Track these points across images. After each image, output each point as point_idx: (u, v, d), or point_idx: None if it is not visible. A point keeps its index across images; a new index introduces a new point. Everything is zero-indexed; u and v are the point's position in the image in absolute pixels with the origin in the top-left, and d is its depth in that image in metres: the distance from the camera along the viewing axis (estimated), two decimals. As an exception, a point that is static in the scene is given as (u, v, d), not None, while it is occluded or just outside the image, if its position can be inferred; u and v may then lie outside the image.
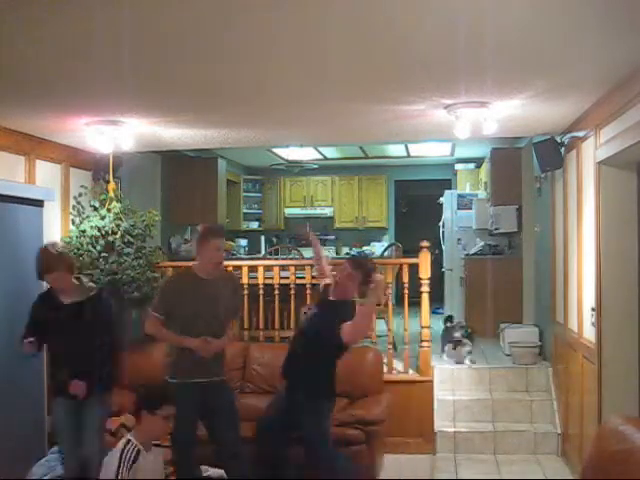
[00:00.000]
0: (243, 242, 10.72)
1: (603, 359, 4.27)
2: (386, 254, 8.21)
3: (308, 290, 5.75)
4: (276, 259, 7.65)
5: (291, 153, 9.04)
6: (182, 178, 8.08)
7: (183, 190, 8.05)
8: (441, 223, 9.29)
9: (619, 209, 4.24)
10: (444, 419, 5.73)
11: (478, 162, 9.68)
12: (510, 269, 7.61)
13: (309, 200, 11.17)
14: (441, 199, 9.51)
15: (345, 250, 10.80)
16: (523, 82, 3.78)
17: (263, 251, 10.54)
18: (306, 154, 9.30)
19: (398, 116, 4.60)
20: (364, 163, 10.60)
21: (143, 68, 3.45)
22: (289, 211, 11.21)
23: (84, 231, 5.53)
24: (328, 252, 10.43)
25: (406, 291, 5.78)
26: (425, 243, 5.66)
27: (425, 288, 5.64)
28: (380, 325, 7.06)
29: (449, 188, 9.99)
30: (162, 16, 2.74)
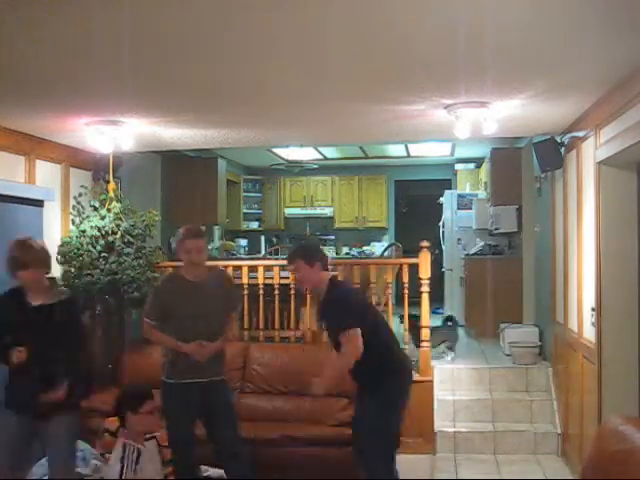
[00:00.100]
0: (243, 242, 10.71)
1: (603, 359, 4.27)
2: (386, 254, 8.22)
3: (308, 290, 5.75)
4: (276, 259, 7.65)
5: (291, 153, 9.03)
6: (182, 178, 8.08)
7: (183, 190, 8.05)
8: (441, 223, 9.30)
9: (619, 209, 4.24)
10: (444, 419, 5.73)
11: (478, 162, 9.67)
12: (510, 269, 7.60)
13: (309, 200, 11.17)
14: (441, 199, 9.52)
15: (345, 250, 10.79)
16: (523, 82, 3.78)
17: (263, 251, 10.54)
18: (306, 154, 9.29)
19: (398, 116, 4.60)
20: (364, 163, 10.60)
21: (143, 68, 3.45)
22: (289, 211, 11.21)
23: (84, 231, 5.53)
24: (328, 252, 10.43)
25: (406, 291, 5.78)
26: (425, 243, 5.66)
27: (425, 288, 5.64)
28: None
29: (449, 188, 9.99)
30: (162, 16, 2.74)
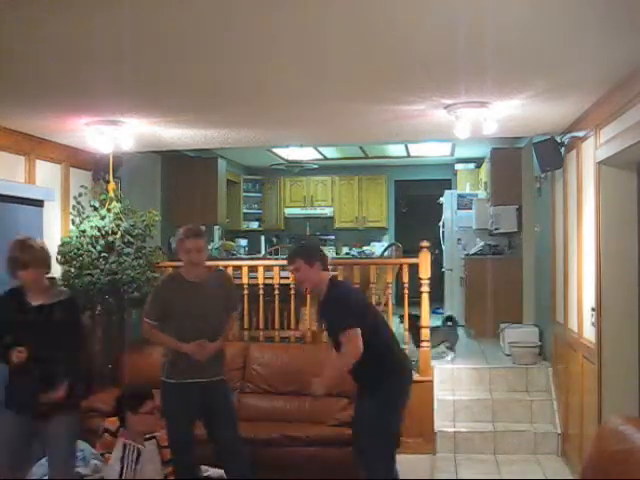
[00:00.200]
0: (243, 242, 10.71)
1: (603, 359, 4.27)
2: (386, 254, 8.22)
3: (308, 290, 5.74)
4: (276, 259, 7.64)
5: (291, 153, 9.03)
6: (182, 178, 8.08)
7: (183, 190, 8.05)
8: (441, 223, 9.30)
9: (619, 209, 4.24)
10: (444, 419, 5.73)
11: (478, 162, 9.67)
12: (510, 269, 7.60)
13: (309, 200, 11.17)
14: (441, 199, 9.52)
15: (345, 250, 10.79)
16: (523, 82, 3.78)
17: (263, 251, 10.54)
18: (306, 154, 9.29)
19: (398, 116, 4.60)
20: (364, 163, 10.60)
21: (143, 68, 3.45)
22: (289, 211, 11.21)
23: (84, 231, 5.53)
24: (328, 252, 10.44)
25: (406, 291, 5.78)
26: (425, 243, 5.66)
27: (425, 288, 5.64)
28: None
29: (449, 188, 9.99)
30: (162, 16, 2.74)
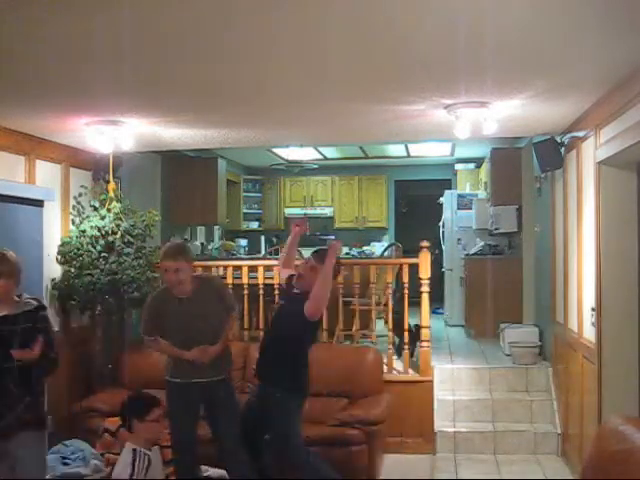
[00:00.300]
0: (243, 242, 10.72)
1: (603, 359, 4.27)
2: (386, 254, 8.22)
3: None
4: (276, 259, 7.62)
5: (291, 153, 9.03)
6: (182, 178, 8.08)
7: (183, 190, 8.04)
8: (441, 223, 9.30)
9: (619, 209, 4.24)
10: (444, 419, 5.73)
11: (478, 162, 9.68)
12: (510, 269, 7.60)
13: (309, 200, 11.17)
14: (441, 199, 9.52)
15: (345, 250, 10.77)
16: (523, 82, 3.77)
17: (263, 251, 10.54)
18: (306, 154, 9.29)
19: (398, 116, 4.60)
20: (364, 163, 10.60)
21: (143, 68, 3.45)
22: (289, 211, 11.20)
23: (84, 231, 5.53)
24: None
25: (406, 291, 5.78)
26: (425, 243, 5.67)
27: (425, 288, 5.65)
28: (380, 325, 7.08)
29: (449, 188, 9.99)
30: (162, 16, 2.74)
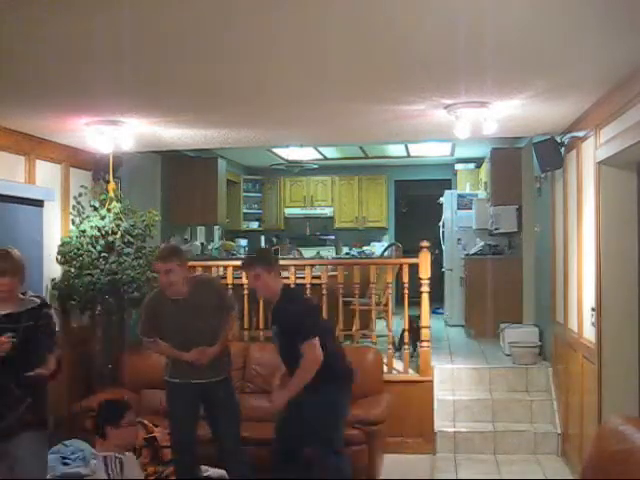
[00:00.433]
0: (243, 242, 10.71)
1: (603, 359, 4.27)
2: (386, 254, 8.22)
3: (308, 290, 5.75)
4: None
5: (291, 153, 9.03)
6: (182, 178, 8.08)
7: (183, 190, 8.04)
8: (441, 223, 9.30)
9: (619, 209, 4.24)
10: (444, 419, 5.73)
11: (478, 162, 9.67)
12: (510, 269, 7.60)
13: (309, 200, 11.17)
14: (441, 199, 9.52)
15: (345, 250, 10.80)
16: (523, 82, 3.77)
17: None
18: (306, 154, 9.29)
19: (398, 116, 4.60)
20: (364, 163, 10.60)
21: (143, 68, 3.45)
22: (289, 211, 11.21)
23: (84, 231, 5.53)
24: (328, 252, 10.45)
25: (406, 291, 5.78)
26: (425, 243, 5.67)
27: (425, 288, 5.65)
28: (380, 325, 7.07)
29: (449, 188, 9.99)
30: (162, 16, 2.73)
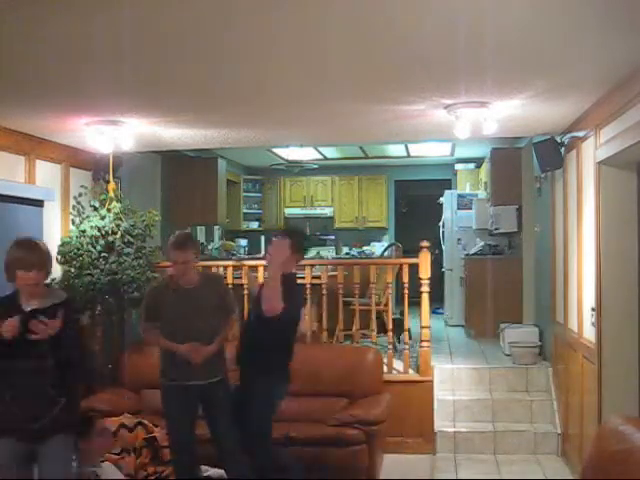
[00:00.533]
0: (243, 242, 10.71)
1: (603, 359, 4.27)
2: (386, 254, 8.22)
3: (308, 290, 5.75)
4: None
5: (291, 153, 9.03)
6: (182, 178, 8.07)
7: (183, 190, 8.04)
8: (441, 223, 9.30)
9: (619, 209, 4.24)
10: (444, 419, 5.73)
11: (478, 162, 9.67)
12: (510, 269, 7.60)
13: (309, 200, 11.17)
14: (441, 199, 9.52)
15: (345, 250, 10.80)
16: (523, 82, 3.78)
17: (263, 251, 10.53)
18: (306, 154, 9.29)
19: (398, 116, 4.60)
20: (364, 163, 10.59)
21: (143, 68, 3.45)
22: (289, 211, 11.20)
23: (84, 231, 5.53)
24: (328, 252, 10.46)
25: (406, 291, 5.78)
26: (425, 243, 5.67)
27: (425, 288, 5.65)
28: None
29: (449, 188, 9.99)
30: (162, 16, 2.74)
